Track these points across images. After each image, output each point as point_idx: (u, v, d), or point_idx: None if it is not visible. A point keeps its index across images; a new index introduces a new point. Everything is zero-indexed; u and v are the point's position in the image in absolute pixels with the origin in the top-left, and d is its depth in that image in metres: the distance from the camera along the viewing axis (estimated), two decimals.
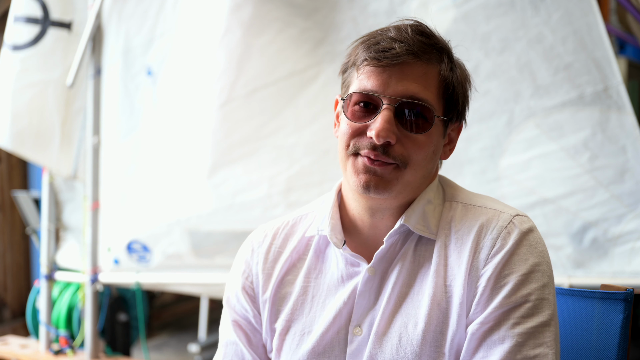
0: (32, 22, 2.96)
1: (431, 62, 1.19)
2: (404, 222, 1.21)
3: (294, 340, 1.27)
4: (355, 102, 1.20)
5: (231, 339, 1.34)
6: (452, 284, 1.17)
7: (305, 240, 1.33)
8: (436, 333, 1.16)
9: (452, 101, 1.23)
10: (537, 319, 1.12)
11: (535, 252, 1.16)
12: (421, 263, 1.22)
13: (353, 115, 1.20)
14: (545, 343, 1.11)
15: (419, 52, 1.17)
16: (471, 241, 1.18)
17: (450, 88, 1.22)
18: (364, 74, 1.20)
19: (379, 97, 1.18)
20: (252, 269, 1.35)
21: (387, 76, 1.17)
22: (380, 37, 1.19)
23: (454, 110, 1.25)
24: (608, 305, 1.32)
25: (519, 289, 1.13)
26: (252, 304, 1.33)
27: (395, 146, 1.17)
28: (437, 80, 1.20)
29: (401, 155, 1.17)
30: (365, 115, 1.19)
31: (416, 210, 1.22)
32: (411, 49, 1.17)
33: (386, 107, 1.16)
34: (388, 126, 1.16)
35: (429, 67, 1.19)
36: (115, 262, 3.11)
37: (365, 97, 1.19)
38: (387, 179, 1.18)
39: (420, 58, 1.18)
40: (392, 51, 1.16)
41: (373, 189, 1.18)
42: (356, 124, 1.20)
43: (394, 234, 1.22)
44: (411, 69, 1.18)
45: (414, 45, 1.17)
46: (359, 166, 1.19)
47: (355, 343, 1.22)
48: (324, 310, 1.26)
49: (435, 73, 1.20)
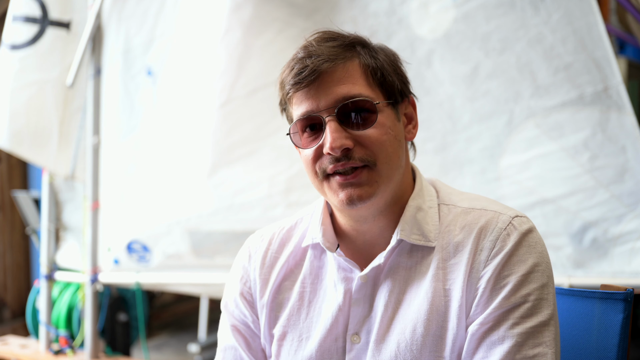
0: (31, 21, 2.96)
1: (348, 59, 1.20)
2: (400, 237, 1.21)
3: (292, 346, 1.27)
4: (301, 129, 1.22)
5: (230, 343, 1.34)
6: (452, 287, 1.17)
7: (301, 246, 1.33)
8: (435, 337, 1.16)
9: (386, 84, 1.22)
10: (537, 318, 1.12)
11: (535, 252, 1.16)
12: (417, 268, 1.21)
13: (304, 143, 1.21)
14: (544, 343, 1.11)
15: (331, 56, 1.18)
16: (471, 243, 1.18)
17: (377, 72, 1.21)
18: (296, 103, 1.21)
19: (317, 115, 1.18)
20: (250, 275, 1.35)
21: (314, 92, 1.18)
22: (293, 64, 1.21)
23: (393, 91, 1.23)
24: (608, 305, 1.32)
25: (519, 290, 1.13)
26: (251, 309, 1.33)
27: (355, 149, 1.17)
28: (361, 72, 1.20)
29: (365, 155, 1.17)
30: (315, 137, 1.20)
31: (408, 221, 1.22)
32: (323, 58, 1.18)
33: (328, 120, 1.17)
34: (337, 134, 1.16)
35: (346, 65, 1.20)
36: (115, 262, 3.11)
37: (306, 121, 1.20)
38: (365, 183, 1.18)
39: (334, 61, 1.18)
40: (307, 69, 1.18)
41: (357, 201, 1.18)
42: (312, 149, 1.20)
43: (391, 250, 1.22)
44: (331, 75, 1.18)
45: (323, 53, 1.18)
46: (335, 186, 1.19)
47: (354, 351, 1.22)
48: (320, 316, 1.26)
49: (356, 66, 1.20)
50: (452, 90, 2.65)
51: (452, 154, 2.68)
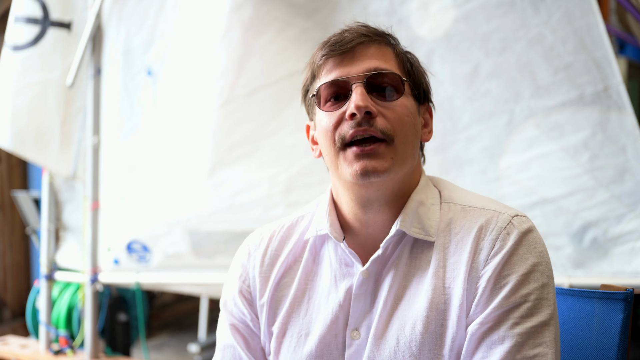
0: (32, 22, 2.96)
1: (383, 44, 1.24)
2: (399, 227, 1.21)
3: (291, 342, 1.27)
4: (326, 97, 1.22)
5: (229, 342, 1.34)
6: (452, 285, 1.17)
7: (301, 242, 1.33)
8: (435, 335, 1.16)
9: (414, 76, 1.26)
10: (537, 318, 1.12)
11: (535, 252, 1.16)
12: (418, 265, 1.21)
13: (329, 108, 1.22)
14: (544, 342, 1.11)
15: (369, 34, 1.23)
16: (470, 242, 1.18)
17: (408, 64, 1.25)
18: (325, 71, 1.23)
19: (345, 80, 1.20)
20: (249, 273, 1.34)
21: (348, 61, 1.21)
22: (329, 38, 1.24)
23: (419, 86, 1.26)
24: (608, 305, 1.32)
25: (519, 289, 1.13)
26: (250, 308, 1.33)
27: (377, 119, 1.18)
28: (394, 57, 1.24)
29: (385, 127, 1.18)
30: (340, 105, 1.21)
31: (409, 214, 1.22)
32: (360, 33, 1.22)
33: (356, 85, 1.19)
34: (363, 97, 1.17)
35: (382, 46, 1.24)
36: (115, 262, 3.12)
37: (334, 87, 1.21)
38: (381, 156, 1.17)
39: (372, 39, 1.22)
40: (344, 39, 1.21)
41: (372, 173, 1.17)
42: (334, 113, 1.21)
43: (390, 240, 1.22)
44: (367, 49, 1.22)
45: (361, 31, 1.23)
46: (351, 157, 1.18)
47: (353, 347, 1.21)
48: (320, 312, 1.26)
49: (391, 51, 1.24)
50: (452, 90, 2.66)
51: (452, 154, 2.68)
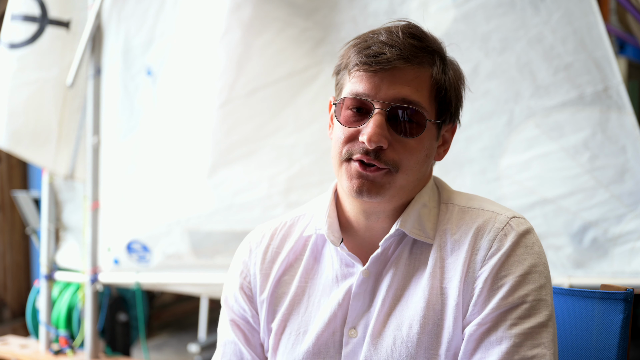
0: (30, 20, 2.95)
1: (423, 66, 1.19)
2: (399, 226, 1.21)
3: (289, 340, 1.27)
4: (347, 106, 1.21)
5: (229, 338, 1.34)
6: (448, 286, 1.17)
7: (302, 240, 1.33)
8: (431, 335, 1.16)
9: (444, 103, 1.23)
10: (535, 319, 1.12)
11: (532, 253, 1.16)
12: (416, 266, 1.22)
13: (346, 120, 1.21)
14: (542, 343, 1.11)
15: (410, 56, 1.17)
16: (468, 243, 1.18)
17: (442, 91, 1.21)
18: (355, 78, 1.20)
19: (370, 101, 1.18)
20: (250, 269, 1.35)
21: (379, 80, 1.17)
22: (372, 41, 1.19)
23: (447, 112, 1.24)
24: (608, 305, 1.31)
25: (516, 290, 1.13)
26: (250, 304, 1.33)
27: (387, 151, 1.17)
28: (429, 84, 1.20)
29: (393, 160, 1.17)
30: (357, 120, 1.19)
31: (411, 215, 1.22)
32: (402, 54, 1.16)
33: (378, 112, 1.17)
34: (379, 130, 1.16)
35: (420, 71, 1.19)
36: (115, 262, 3.11)
37: (357, 102, 1.19)
38: (379, 183, 1.18)
39: (411, 62, 1.17)
40: (383, 56, 1.16)
41: (366, 194, 1.18)
42: (349, 129, 1.20)
43: (389, 238, 1.22)
44: (402, 73, 1.17)
45: (404, 49, 1.17)
46: (352, 171, 1.19)
47: (350, 345, 1.22)
48: (319, 311, 1.26)
49: (427, 76, 1.20)
50: None
51: (452, 154, 2.67)
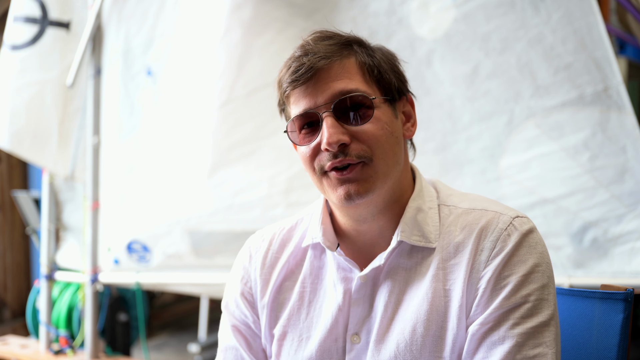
0: (31, 21, 2.96)
1: (344, 57, 1.21)
2: (400, 238, 1.21)
3: (292, 346, 1.27)
4: (299, 127, 1.22)
5: (231, 344, 1.34)
6: (452, 288, 1.17)
7: (301, 246, 1.33)
8: (435, 338, 1.16)
9: (384, 81, 1.23)
10: (537, 319, 1.12)
11: (535, 253, 1.16)
12: (417, 269, 1.21)
13: (303, 139, 1.22)
14: (544, 343, 1.11)
15: (327, 54, 1.19)
16: (471, 244, 1.18)
17: (374, 70, 1.22)
18: (293, 99, 1.22)
19: (314, 111, 1.19)
20: (251, 275, 1.35)
21: (312, 89, 1.19)
22: (290, 62, 1.22)
23: (391, 88, 1.24)
24: (608, 305, 1.32)
25: (519, 290, 1.13)
26: (251, 310, 1.34)
27: (351, 145, 1.17)
28: (357, 69, 1.21)
29: (361, 151, 1.18)
30: (313, 135, 1.21)
31: (409, 223, 1.22)
32: (319, 55, 1.19)
33: (325, 115, 1.18)
34: (333, 130, 1.17)
35: (343, 62, 1.20)
36: (115, 262, 3.11)
37: (304, 118, 1.21)
38: (363, 179, 1.18)
39: (331, 58, 1.19)
40: (303, 67, 1.19)
41: (355, 196, 1.18)
42: (309, 146, 1.21)
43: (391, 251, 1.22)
44: (328, 72, 1.19)
45: (320, 51, 1.19)
46: (333, 182, 1.19)
47: (354, 351, 1.22)
48: (320, 316, 1.26)
49: (352, 63, 1.21)
50: (452, 90, 2.65)
51: (452, 154, 2.68)
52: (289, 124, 1.24)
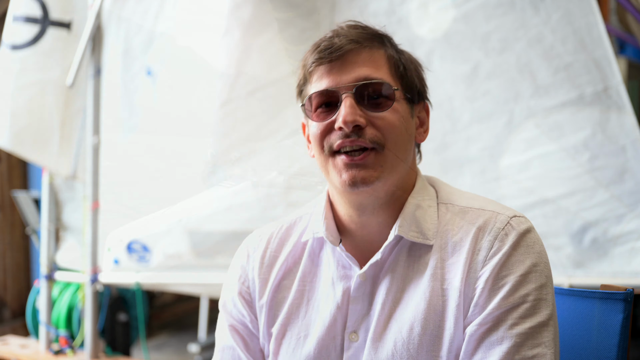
0: (32, 21, 2.96)
1: (374, 47, 1.22)
2: (398, 232, 1.21)
3: (290, 344, 1.27)
4: (316, 105, 1.22)
5: (228, 343, 1.33)
6: (449, 287, 1.17)
7: (300, 244, 1.32)
8: (432, 337, 1.16)
9: (407, 79, 1.24)
10: (535, 319, 1.12)
11: (533, 252, 1.16)
12: (416, 267, 1.21)
13: (318, 116, 1.21)
14: (543, 343, 1.11)
15: (360, 39, 1.20)
16: (469, 243, 1.18)
17: (401, 66, 1.23)
18: (315, 76, 1.22)
19: (335, 90, 1.19)
20: (249, 274, 1.34)
21: (337, 69, 1.19)
22: (320, 41, 1.22)
23: (412, 88, 1.25)
24: (608, 305, 1.31)
25: (517, 290, 1.13)
26: (249, 309, 1.33)
27: (366, 129, 1.17)
28: (386, 61, 1.22)
29: (375, 137, 1.17)
30: (329, 114, 1.20)
31: (407, 218, 1.22)
32: (351, 39, 1.20)
33: (345, 96, 1.18)
34: (352, 110, 1.17)
35: (373, 51, 1.21)
36: (115, 262, 3.11)
37: (323, 96, 1.20)
38: (370, 166, 1.17)
39: (362, 44, 1.20)
40: (334, 46, 1.19)
41: (361, 183, 1.17)
42: (323, 123, 1.20)
43: (388, 245, 1.22)
44: (357, 55, 1.20)
45: (352, 35, 1.20)
46: (340, 165, 1.19)
47: (352, 349, 1.21)
48: (319, 314, 1.25)
49: (382, 55, 1.22)
50: (452, 90, 2.65)
51: (452, 154, 2.68)
52: (306, 101, 1.24)
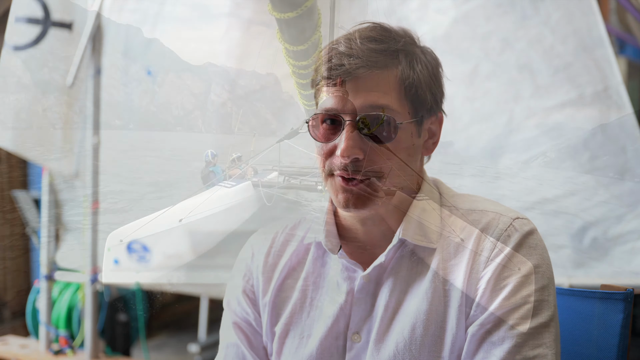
0: (33, 22, 2.96)
1: (386, 68, 1.17)
2: (401, 236, 1.21)
3: (293, 343, 1.27)
4: (321, 120, 1.20)
5: (232, 341, 1.34)
6: (451, 288, 1.17)
7: (304, 244, 1.33)
8: (434, 338, 1.16)
9: (418, 100, 1.20)
10: (537, 320, 1.12)
11: (535, 254, 1.16)
12: (418, 269, 1.21)
13: (322, 135, 1.20)
14: (544, 344, 1.11)
15: (370, 62, 1.14)
16: (471, 245, 1.18)
17: (412, 88, 1.18)
18: (324, 93, 1.20)
19: (339, 115, 1.16)
20: (253, 272, 1.35)
21: (344, 92, 1.16)
22: (332, 53, 1.17)
23: (422, 108, 1.21)
24: (608, 305, 1.31)
25: (519, 291, 1.13)
26: (253, 307, 1.34)
27: (365, 161, 1.16)
28: (396, 85, 1.17)
29: (372, 169, 1.17)
30: (333, 133, 1.18)
31: (412, 222, 1.22)
32: (361, 63, 1.14)
33: (348, 124, 1.15)
34: (352, 143, 1.15)
35: (384, 74, 1.16)
36: (115, 262, 3.11)
37: (328, 117, 1.19)
38: (365, 195, 1.17)
39: (372, 68, 1.15)
40: (342, 68, 1.15)
41: (352, 208, 1.18)
42: (327, 145, 1.19)
43: (392, 249, 1.22)
44: (365, 81, 1.15)
45: (363, 56, 1.14)
46: (337, 186, 1.19)
47: (354, 350, 1.22)
48: (322, 314, 1.26)
49: (393, 77, 1.17)
50: (452, 90, 2.65)
51: (452, 154, 2.68)
52: (311, 117, 1.21)
